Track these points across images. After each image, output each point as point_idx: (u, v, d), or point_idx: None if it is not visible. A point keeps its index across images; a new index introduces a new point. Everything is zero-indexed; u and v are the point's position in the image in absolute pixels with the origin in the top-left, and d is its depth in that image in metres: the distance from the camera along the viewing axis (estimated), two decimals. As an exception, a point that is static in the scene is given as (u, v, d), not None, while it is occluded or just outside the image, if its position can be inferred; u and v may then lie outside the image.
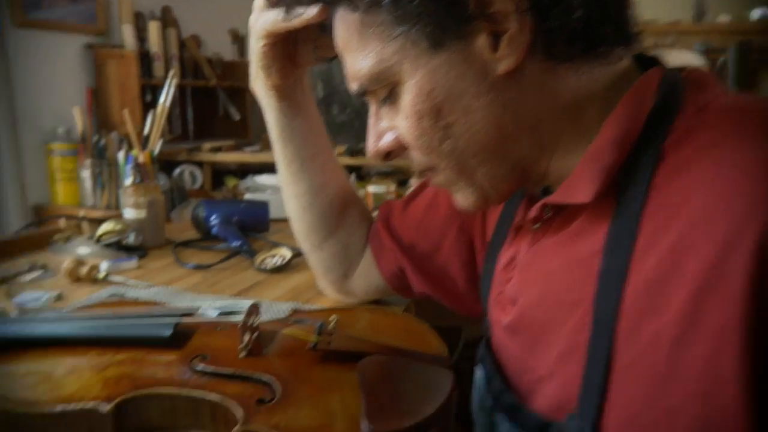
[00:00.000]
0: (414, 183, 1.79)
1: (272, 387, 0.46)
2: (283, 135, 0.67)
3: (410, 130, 0.44)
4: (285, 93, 0.64)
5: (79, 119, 1.30)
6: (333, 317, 0.55)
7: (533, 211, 0.46)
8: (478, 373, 0.54)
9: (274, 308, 0.68)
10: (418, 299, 0.75)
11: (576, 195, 0.42)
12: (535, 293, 0.46)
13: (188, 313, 0.56)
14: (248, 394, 0.45)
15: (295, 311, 0.59)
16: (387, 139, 0.47)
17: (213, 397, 0.44)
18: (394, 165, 2.07)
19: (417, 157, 0.47)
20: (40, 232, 1.11)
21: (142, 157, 1.28)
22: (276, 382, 0.47)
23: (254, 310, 0.54)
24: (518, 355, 0.48)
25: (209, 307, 0.61)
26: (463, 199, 0.48)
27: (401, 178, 2.21)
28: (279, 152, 0.68)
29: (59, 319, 0.55)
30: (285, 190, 0.71)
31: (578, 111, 0.43)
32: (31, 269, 0.93)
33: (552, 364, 0.43)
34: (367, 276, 0.71)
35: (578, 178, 0.42)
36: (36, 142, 1.35)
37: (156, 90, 1.79)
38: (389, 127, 0.47)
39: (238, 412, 0.43)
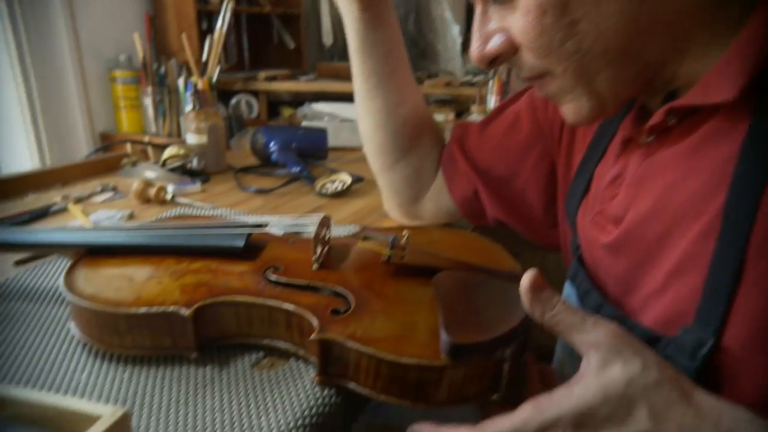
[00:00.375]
0: (475, 111, 1.72)
1: (346, 299, 0.46)
2: (363, 48, 0.64)
3: (529, 29, 0.40)
4: (368, 3, 0.61)
5: (139, 46, 1.30)
6: (405, 232, 0.53)
7: (656, 118, 0.42)
8: (566, 291, 0.53)
9: (340, 229, 0.68)
10: (484, 228, 0.73)
11: (715, 94, 0.38)
12: (648, 207, 0.43)
13: (258, 226, 0.56)
14: (322, 305, 0.45)
15: (364, 228, 0.58)
16: (495, 42, 0.43)
17: (288, 306, 0.44)
18: (453, 93, 2.00)
19: (529, 61, 0.43)
20: (108, 156, 1.15)
21: (201, 84, 1.28)
22: (350, 295, 0.46)
23: (326, 222, 0.53)
24: (621, 274, 0.46)
25: (277, 224, 0.61)
26: (576, 109, 0.44)
27: (459, 108, 2.13)
28: (357, 66, 0.66)
29: (137, 229, 0.56)
30: (359, 106, 0.69)
31: (721, 5, 0.39)
32: (103, 190, 0.96)
33: (663, 278, 0.41)
34: (437, 200, 0.70)
35: (718, 76, 0.38)
36: (100, 70, 1.37)
37: (212, 16, 1.77)
38: (498, 29, 0.43)
39: (314, 322, 0.42)
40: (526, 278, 0.38)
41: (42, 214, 0.84)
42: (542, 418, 0.35)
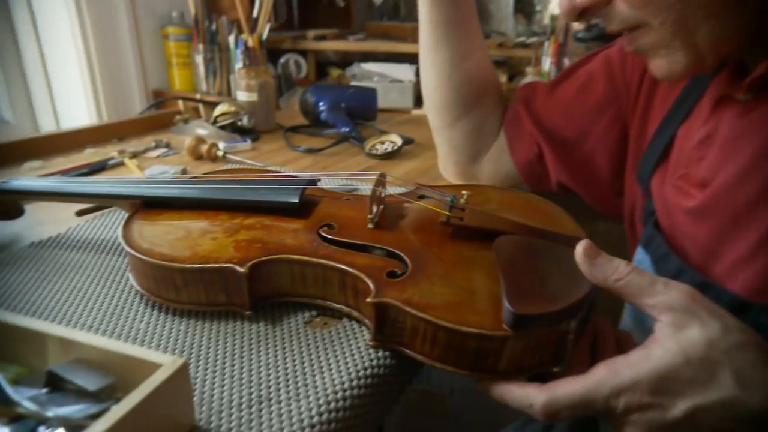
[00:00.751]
0: (530, 73, 1.64)
1: (403, 261, 0.44)
2: None
3: None
4: None
5: (191, 2, 1.29)
6: (465, 192, 0.51)
7: (760, 70, 0.39)
8: (639, 257, 0.50)
9: (393, 188, 0.66)
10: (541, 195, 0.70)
11: None
12: (740, 169, 0.40)
13: (312, 182, 0.54)
14: (378, 266, 0.43)
15: (419, 186, 0.55)
16: None
17: (343, 266, 0.43)
18: (506, 55, 1.92)
19: (623, 12, 0.40)
20: (161, 113, 1.16)
21: (251, 41, 1.27)
22: (406, 256, 0.44)
23: (382, 180, 0.52)
24: (705, 239, 0.43)
25: (330, 181, 0.59)
26: (669, 64, 0.41)
27: (512, 71, 2.05)
28: (425, 14, 0.64)
29: (191, 182, 0.55)
30: (424, 57, 0.67)
31: None
32: (156, 146, 0.98)
33: (755, 244, 0.38)
34: (497, 161, 0.67)
35: None
36: (153, 27, 1.37)
37: (261, -26, 1.73)
38: None
39: (370, 284, 0.41)
40: (579, 247, 0.37)
41: (100, 167, 0.86)
42: (618, 381, 0.33)
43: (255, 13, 1.29)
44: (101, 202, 0.57)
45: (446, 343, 0.38)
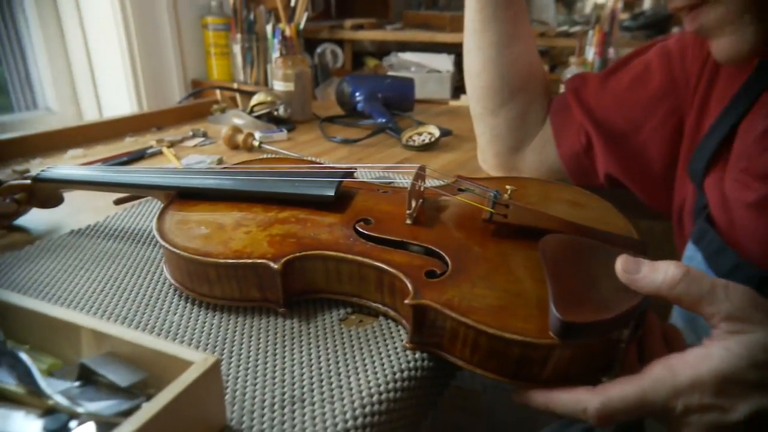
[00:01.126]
0: (573, 63, 1.59)
1: (442, 260, 0.42)
2: None
3: None
4: None
5: (229, -8, 1.29)
6: (509, 187, 0.48)
7: None
8: (689, 253, 0.47)
9: (431, 181, 0.64)
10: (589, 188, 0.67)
11: None
12: None
13: (348, 174, 0.53)
14: (416, 265, 0.41)
15: (459, 178, 0.53)
16: None
17: (380, 264, 0.41)
18: (548, 44, 1.86)
19: None
20: (199, 102, 1.16)
21: (288, 31, 1.26)
22: (446, 255, 0.42)
23: (421, 173, 0.49)
24: (766, 233, 0.40)
25: (367, 173, 0.58)
26: (737, 43, 0.38)
27: (553, 61, 1.99)
28: None
29: (225, 172, 0.55)
30: (469, 40, 0.65)
31: None
32: (194, 135, 0.98)
33: None
34: (541, 152, 0.64)
35: None
36: (193, 17, 1.38)
37: (299, -37, 1.72)
38: None
39: (408, 284, 0.39)
40: (618, 263, 0.35)
41: (139, 156, 0.86)
42: (676, 382, 0.31)
43: (293, 3, 1.28)
44: (136, 191, 0.56)
45: (488, 349, 0.36)
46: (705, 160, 0.50)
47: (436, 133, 0.93)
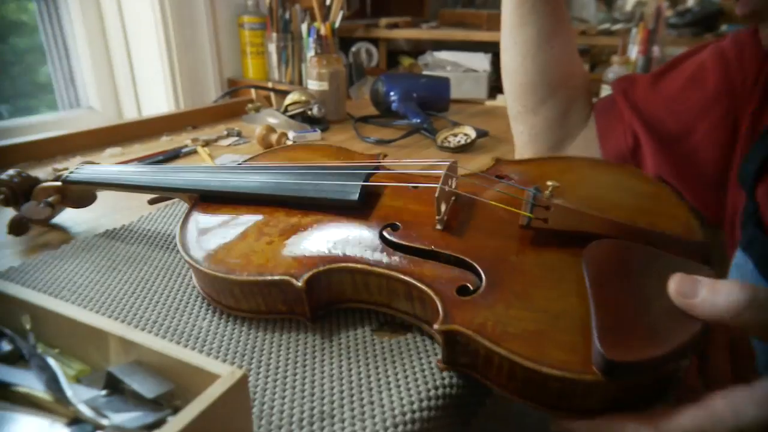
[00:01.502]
0: (616, 62, 1.53)
1: (475, 272, 0.38)
2: None
3: None
4: None
5: (265, -9, 1.29)
6: (551, 183, 0.43)
7: None
8: (739, 260, 0.44)
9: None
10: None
11: None
12: None
13: (375, 169, 0.50)
14: (447, 278, 0.38)
15: (498, 161, 0.50)
16: None
17: (408, 279, 0.39)
18: (588, 43, 1.80)
19: None
20: (234, 101, 1.17)
21: (323, 29, 1.25)
22: (480, 267, 0.38)
23: (452, 171, 0.46)
24: None
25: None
26: None
27: (594, 60, 1.92)
28: None
29: (250, 169, 0.53)
30: (507, 36, 0.63)
31: None
32: (228, 135, 0.98)
33: None
34: (584, 152, 0.62)
35: None
36: (229, 16, 1.39)
37: (335, -38, 1.72)
38: None
39: (437, 303, 0.36)
40: (671, 284, 0.32)
41: (174, 155, 0.87)
42: (740, 423, 0.28)
43: (328, 1, 1.27)
44: (159, 193, 0.56)
45: (525, 379, 0.33)
46: (756, 164, 0.47)
47: (472, 134, 0.90)
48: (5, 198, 0.57)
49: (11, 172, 0.58)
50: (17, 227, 0.56)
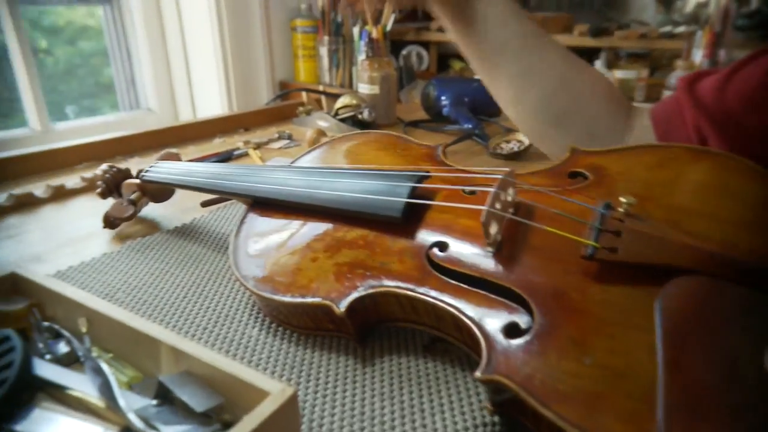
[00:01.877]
0: (680, 67, 1.46)
1: (527, 309, 0.33)
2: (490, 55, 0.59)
3: None
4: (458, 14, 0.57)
5: (318, -6, 1.30)
6: (625, 200, 0.35)
7: None
8: None
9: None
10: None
11: None
12: None
13: (423, 177, 0.46)
14: (495, 310, 0.34)
15: (575, 151, 0.46)
16: None
17: (452, 311, 0.35)
18: (648, 47, 1.72)
19: None
20: (285, 104, 1.17)
21: (375, 33, 1.24)
22: (532, 303, 0.33)
23: (509, 182, 0.41)
24: None
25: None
26: None
27: (654, 64, 1.84)
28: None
29: (299, 171, 0.52)
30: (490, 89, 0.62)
31: None
32: (279, 137, 0.99)
33: None
34: None
35: None
36: (282, 19, 1.41)
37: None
38: None
39: (480, 343, 0.32)
40: None
41: (226, 157, 0.88)
42: None
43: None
44: (222, 194, 0.56)
45: None
46: None
47: (526, 141, 0.87)
48: (102, 192, 0.62)
49: (104, 167, 0.63)
50: (109, 224, 0.61)
